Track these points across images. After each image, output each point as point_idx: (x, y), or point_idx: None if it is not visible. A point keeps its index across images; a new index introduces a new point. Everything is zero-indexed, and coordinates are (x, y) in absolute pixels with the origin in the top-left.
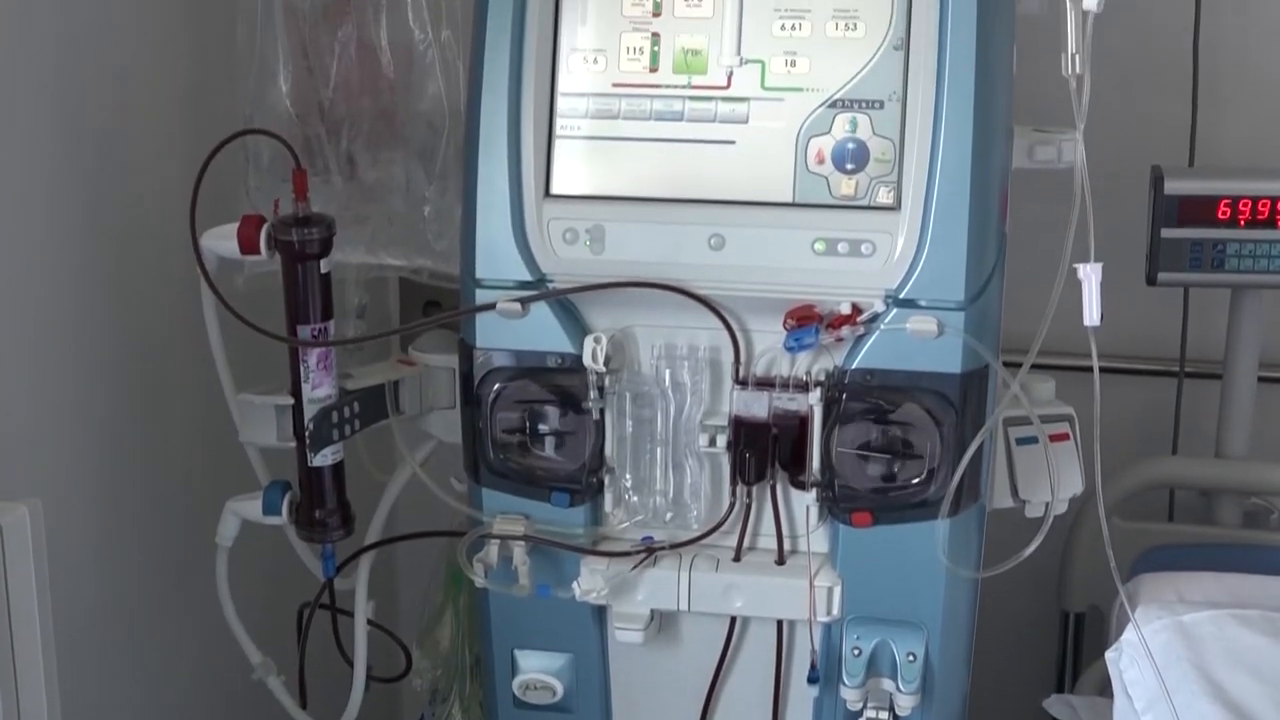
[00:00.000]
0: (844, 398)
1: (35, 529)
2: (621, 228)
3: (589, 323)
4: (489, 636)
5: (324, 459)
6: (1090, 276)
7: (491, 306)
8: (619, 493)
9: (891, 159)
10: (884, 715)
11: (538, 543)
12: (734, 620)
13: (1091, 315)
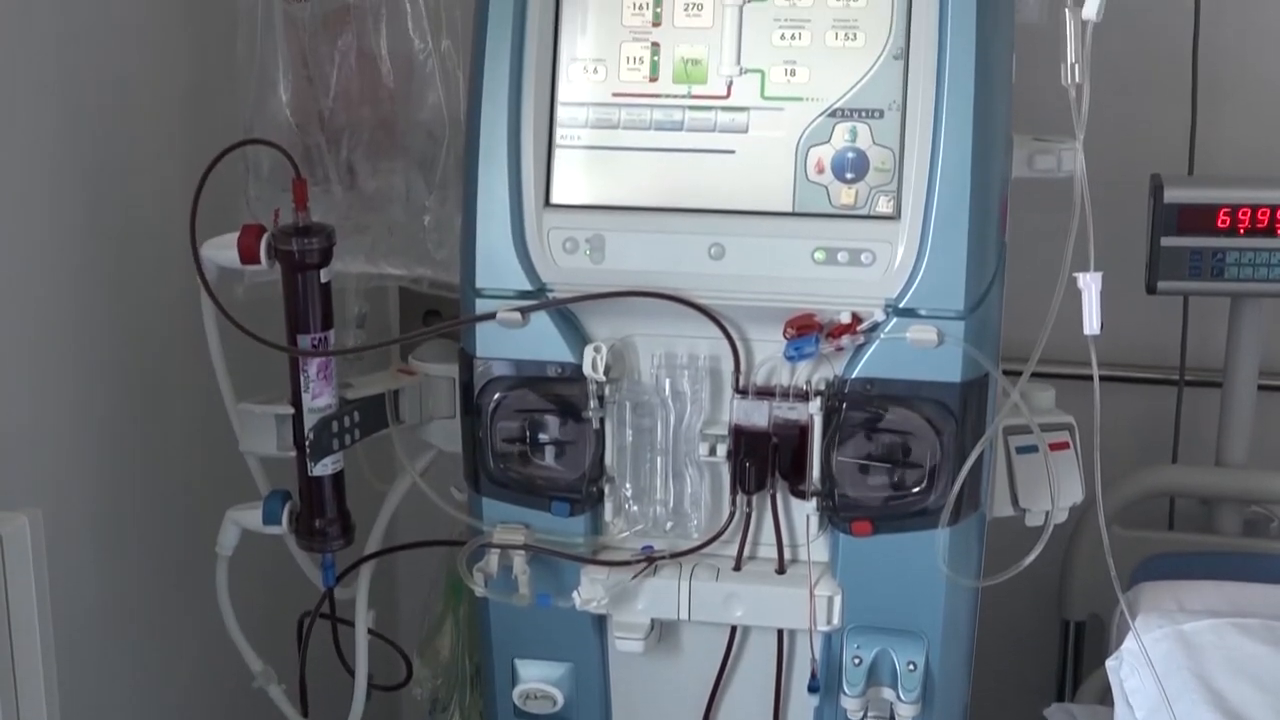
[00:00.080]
0: (844, 407)
1: (35, 538)
2: (621, 237)
3: (589, 332)
4: (489, 646)
5: (324, 468)
6: (1090, 285)
7: (492, 316)
8: (619, 502)
9: (891, 168)
10: None
11: (538, 552)
12: (734, 629)
13: (1091, 324)
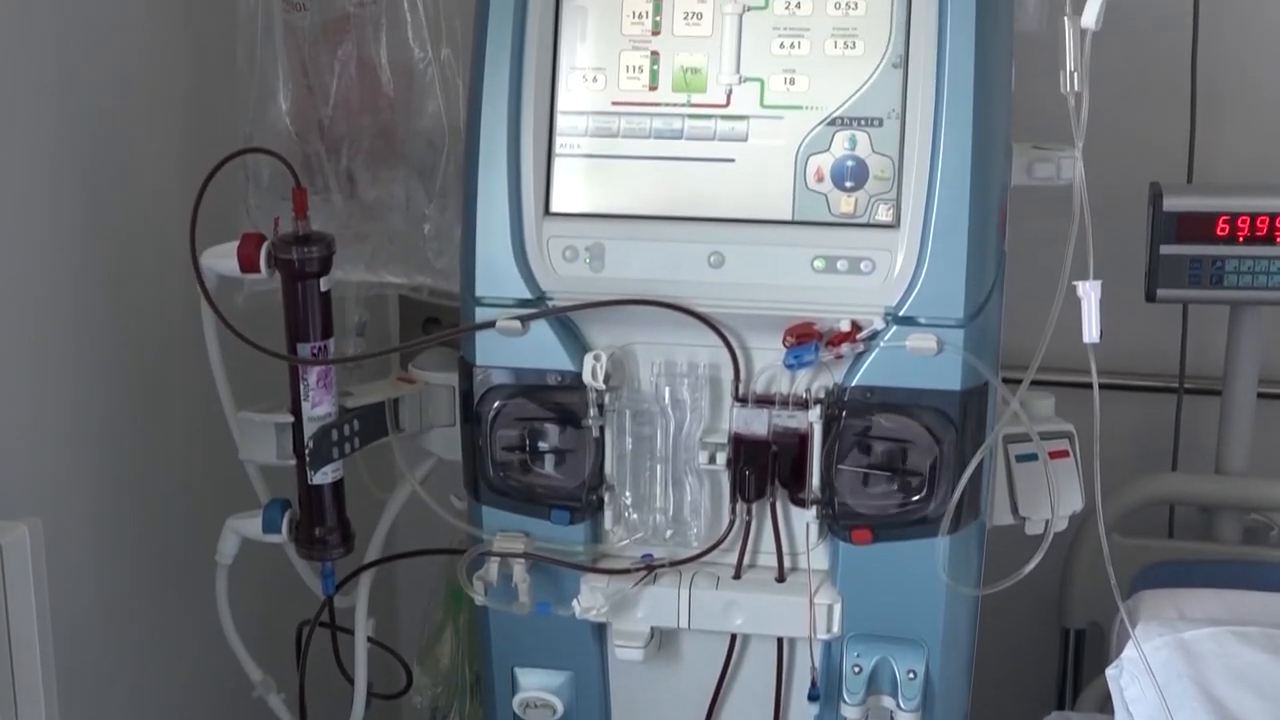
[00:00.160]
0: (844, 415)
1: (35, 548)
2: (621, 245)
3: (589, 340)
4: (489, 654)
5: (324, 477)
6: (1089, 293)
7: (491, 324)
8: (619, 510)
9: (890, 176)
10: None
11: (538, 560)
12: (734, 637)
13: (1091, 332)
